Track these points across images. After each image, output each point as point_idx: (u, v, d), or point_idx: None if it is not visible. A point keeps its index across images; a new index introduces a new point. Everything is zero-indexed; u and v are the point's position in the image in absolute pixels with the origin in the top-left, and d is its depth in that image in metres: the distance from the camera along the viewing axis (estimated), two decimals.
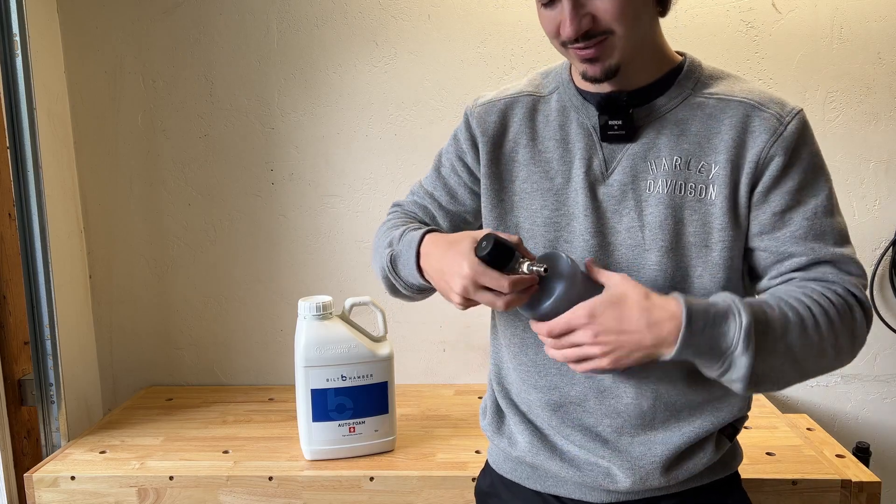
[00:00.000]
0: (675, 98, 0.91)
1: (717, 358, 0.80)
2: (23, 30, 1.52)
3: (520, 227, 0.98)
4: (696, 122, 0.90)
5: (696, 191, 0.89)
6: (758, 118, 0.88)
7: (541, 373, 0.99)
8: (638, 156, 0.91)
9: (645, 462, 0.95)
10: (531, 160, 0.97)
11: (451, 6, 1.72)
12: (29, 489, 1.41)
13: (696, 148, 0.89)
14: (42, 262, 1.58)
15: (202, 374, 1.90)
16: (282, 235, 1.84)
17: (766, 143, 0.87)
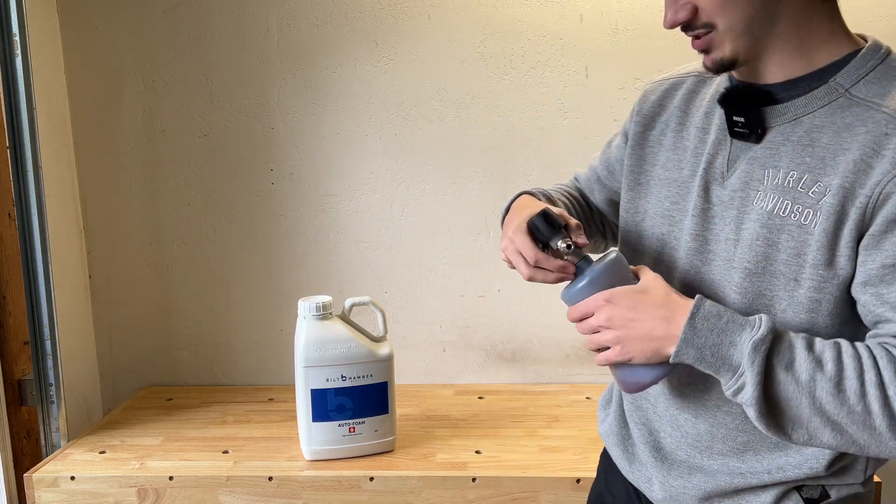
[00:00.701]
0: (820, 99, 0.76)
1: (727, 370, 0.74)
2: (23, 30, 1.52)
3: (646, 215, 0.92)
4: (830, 132, 0.75)
5: (801, 214, 0.75)
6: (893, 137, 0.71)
7: None
8: (757, 161, 0.80)
9: (678, 487, 0.90)
10: (674, 146, 0.90)
11: (451, 6, 1.72)
12: (29, 489, 1.41)
13: (819, 164, 0.75)
14: (42, 262, 1.58)
15: (202, 375, 1.90)
16: (282, 235, 1.84)
17: (887, 173, 0.71)
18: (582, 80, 1.73)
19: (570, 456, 1.43)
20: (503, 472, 1.37)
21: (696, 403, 0.88)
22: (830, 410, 0.72)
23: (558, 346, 1.84)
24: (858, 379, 0.71)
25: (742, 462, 0.85)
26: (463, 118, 1.76)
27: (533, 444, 1.49)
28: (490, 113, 1.76)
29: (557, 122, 1.74)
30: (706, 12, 0.76)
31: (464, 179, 1.79)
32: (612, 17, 1.70)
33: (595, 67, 1.72)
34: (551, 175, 1.76)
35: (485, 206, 1.79)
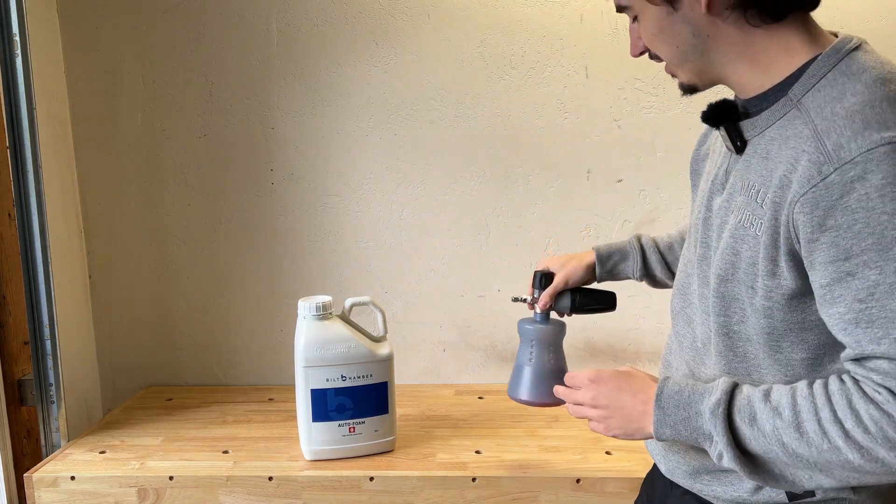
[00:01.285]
0: (779, 111, 0.78)
1: (705, 439, 0.81)
2: (23, 30, 1.52)
3: (691, 220, 0.98)
4: (777, 144, 0.77)
5: (754, 226, 0.78)
6: (806, 154, 0.71)
7: (667, 347, 1.04)
8: (738, 173, 0.83)
9: (674, 462, 0.96)
10: (711, 161, 0.95)
11: (451, 6, 1.72)
12: (29, 489, 1.41)
13: (768, 176, 0.77)
14: (42, 262, 1.57)
15: (202, 375, 1.90)
16: (282, 235, 1.84)
17: (796, 194, 0.72)
18: (582, 80, 1.73)
19: (570, 456, 1.43)
20: (503, 472, 1.37)
21: None
22: (803, 454, 0.74)
23: None
24: (815, 419, 0.73)
25: None
26: (463, 118, 1.76)
27: (533, 444, 1.49)
28: (490, 113, 1.76)
29: (557, 122, 1.74)
30: (649, 47, 0.84)
31: (464, 179, 1.79)
32: (612, 17, 1.70)
33: (595, 67, 1.72)
34: (551, 175, 1.77)
35: (485, 206, 1.79)
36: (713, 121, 0.84)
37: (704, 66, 0.82)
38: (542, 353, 1.29)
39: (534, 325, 1.30)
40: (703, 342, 0.89)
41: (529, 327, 1.30)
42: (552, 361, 1.30)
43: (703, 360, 0.89)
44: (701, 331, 0.89)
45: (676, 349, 0.97)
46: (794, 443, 0.74)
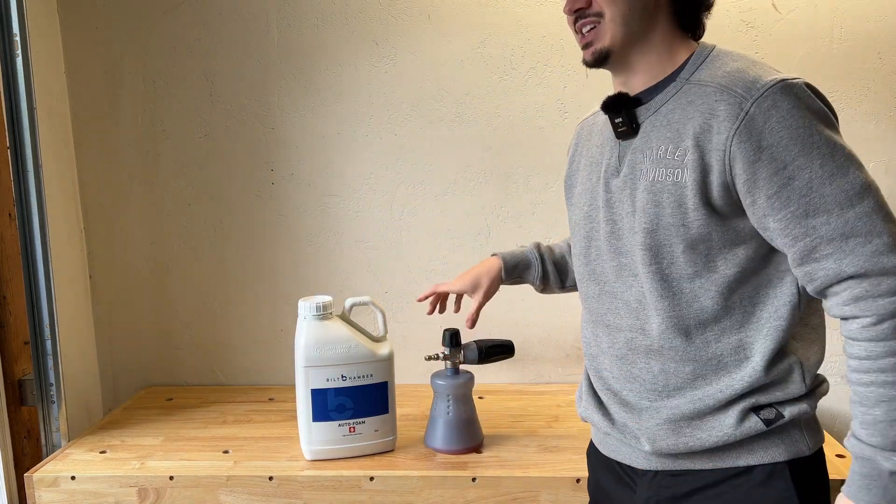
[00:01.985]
0: (671, 91, 0.96)
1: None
2: (23, 30, 1.52)
3: (573, 222, 1.12)
4: (679, 110, 0.94)
5: (672, 175, 0.93)
6: (723, 102, 0.89)
7: (587, 342, 1.12)
8: (637, 149, 0.99)
9: (652, 424, 1.00)
10: (584, 167, 1.11)
11: (451, 6, 1.72)
12: (29, 489, 1.41)
13: (676, 135, 0.94)
14: (42, 262, 1.58)
15: (202, 374, 1.91)
16: (282, 235, 1.84)
17: (729, 129, 0.88)
18: (582, 80, 1.74)
19: (570, 456, 1.43)
20: (503, 472, 1.37)
21: (644, 350, 1.00)
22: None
23: (558, 346, 1.84)
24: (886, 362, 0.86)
25: (696, 389, 0.97)
26: (463, 118, 1.76)
27: (533, 444, 1.49)
28: (490, 113, 1.76)
29: (557, 122, 1.74)
30: (598, 1, 0.95)
31: (464, 179, 1.79)
32: None
33: None
34: (551, 175, 1.77)
35: (485, 206, 1.79)
36: (614, 109, 0.99)
37: (634, 37, 0.96)
38: (457, 405, 1.46)
39: (447, 380, 1.47)
40: (638, 302, 1.00)
41: (444, 383, 1.46)
42: (466, 413, 1.47)
43: (646, 317, 0.99)
44: (633, 294, 1.00)
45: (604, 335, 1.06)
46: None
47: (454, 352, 1.49)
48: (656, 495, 1.02)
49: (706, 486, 0.99)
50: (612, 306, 1.04)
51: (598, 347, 1.08)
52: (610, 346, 1.05)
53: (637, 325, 1.00)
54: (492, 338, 1.59)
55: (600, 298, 1.06)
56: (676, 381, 0.99)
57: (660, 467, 1.02)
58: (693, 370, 0.97)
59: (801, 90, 0.87)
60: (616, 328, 1.04)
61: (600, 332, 1.07)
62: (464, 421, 1.46)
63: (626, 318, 1.02)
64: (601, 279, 1.06)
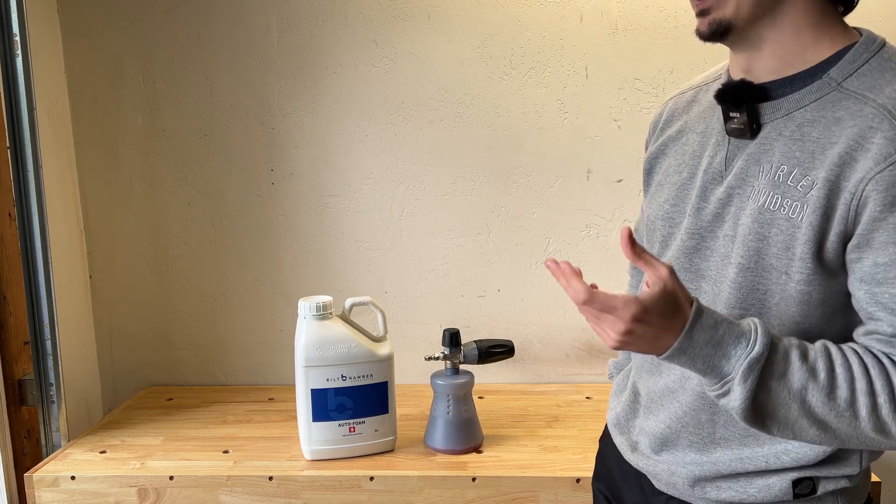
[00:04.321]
0: (814, 93, 0.77)
1: (714, 376, 0.74)
2: (23, 30, 1.52)
3: (649, 218, 0.96)
4: (821, 126, 0.75)
5: (789, 208, 0.76)
6: (880, 132, 0.70)
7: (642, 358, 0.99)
8: (752, 157, 0.81)
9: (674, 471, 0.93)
10: (675, 152, 0.93)
11: (451, 6, 1.72)
12: (29, 489, 1.41)
13: (808, 158, 0.75)
14: (42, 262, 1.58)
15: (202, 374, 1.90)
16: (282, 235, 1.84)
17: (870, 171, 0.70)
18: (582, 80, 1.73)
19: (570, 456, 1.43)
20: (503, 472, 1.37)
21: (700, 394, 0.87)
22: (819, 413, 0.73)
23: (558, 346, 1.84)
24: (849, 388, 0.73)
25: (744, 447, 0.86)
26: (463, 118, 1.76)
27: (533, 444, 1.49)
28: (490, 113, 1.76)
29: (557, 122, 1.74)
30: None
31: (464, 179, 1.79)
32: (612, 17, 1.70)
33: (595, 67, 1.72)
34: (551, 175, 1.77)
35: (485, 206, 1.79)
36: (734, 101, 0.81)
37: (763, 9, 0.77)
38: (457, 405, 1.46)
39: (447, 380, 1.47)
40: None
41: (444, 383, 1.46)
42: (466, 413, 1.47)
43: None
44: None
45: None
46: (818, 404, 0.73)
47: (454, 352, 1.49)
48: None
49: None
50: None
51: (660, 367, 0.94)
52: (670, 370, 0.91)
53: None
54: (492, 338, 1.59)
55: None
56: (725, 432, 0.87)
57: (675, 495, 0.94)
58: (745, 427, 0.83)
59: None
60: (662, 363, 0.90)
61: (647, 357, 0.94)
62: (464, 421, 1.46)
63: None
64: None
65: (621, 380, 1.11)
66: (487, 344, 1.55)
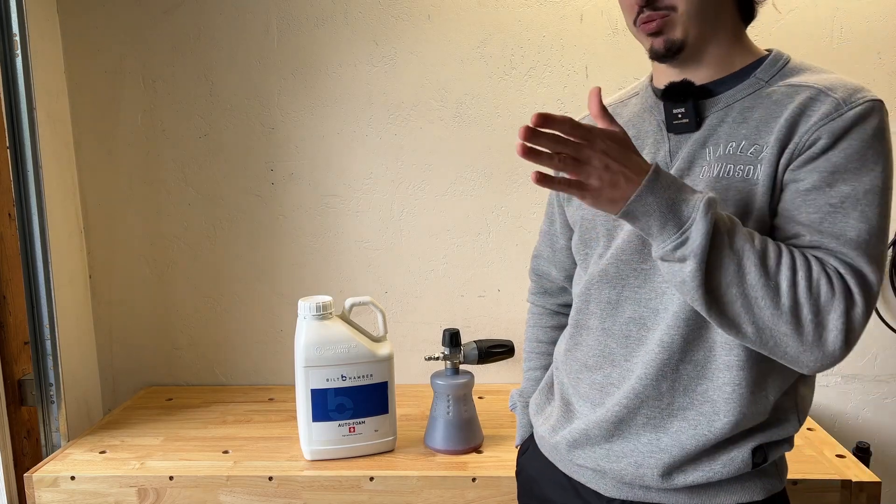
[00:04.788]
0: (746, 89, 0.91)
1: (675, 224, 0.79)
2: (23, 30, 1.52)
3: (584, 218, 1.02)
4: (761, 109, 0.89)
5: (743, 171, 0.87)
6: (819, 102, 0.85)
7: (590, 350, 1.03)
8: (698, 143, 0.92)
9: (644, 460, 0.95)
10: None
11: (451, 6, 1.72)
12: (29, 489, 1.41)
13: (754, 132, 0.88)
14: (42, 262, 1.58)
15: (202, 374, 1.91)
16: (282, 235, 1.84)
17: (814, 124, 0.84)
18: (582, 80, 1.73)
19: None
20: (503, 472, 1.37)
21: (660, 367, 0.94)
22: (750, 280, 0.80)
23: None
24: (777, 259, 0.81)
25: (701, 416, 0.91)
26: (463, 118, 1.76)
27: None
28: (490, 113, 1.76)
29: None
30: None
31: (464, 179, 1.79)
32: (612, 17, 1.70)
33: (595, 67, 1.72)
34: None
35: (485, 206, 1.79)
36: (680, 98, 0.93)
37: (707, 28, 0.91)
38: (457, 405, 1.46)
39: (447, 380, 1.47)
40: (669, 314, 0.91)
41: (444, 383, 1.47)
42: (466, 413, 1.47)
43: (677, 332, 0.91)
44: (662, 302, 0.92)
45: (616, 344, 0.97)
46: (751, 267, 0.80)
47: (454, 352, 1.49)
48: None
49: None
50: (635, 314, 0.95)
51: (609, 358, 0.98)
52: (626, 360, 0.96)
53: (667, 340, 0.91)
54: (492, 338, 1.59)
55: (618, 305, 0.96)
56: (683, 400, 0.93)
57: (631, 497, 0.96)
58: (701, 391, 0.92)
59: (888, 117, 0.86)
60: (638, 340, 0.95)
61: (612, 343, 0.97)
62: (464, 421, 1.46)
63: (653, 329, 0.93)
64: (620, 282, 0.96)
65: (539, 398, 1.14)
66: (487, 344, 1.55)
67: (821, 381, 1.79)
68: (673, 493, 0.94)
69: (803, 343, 0.80)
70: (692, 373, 0.91)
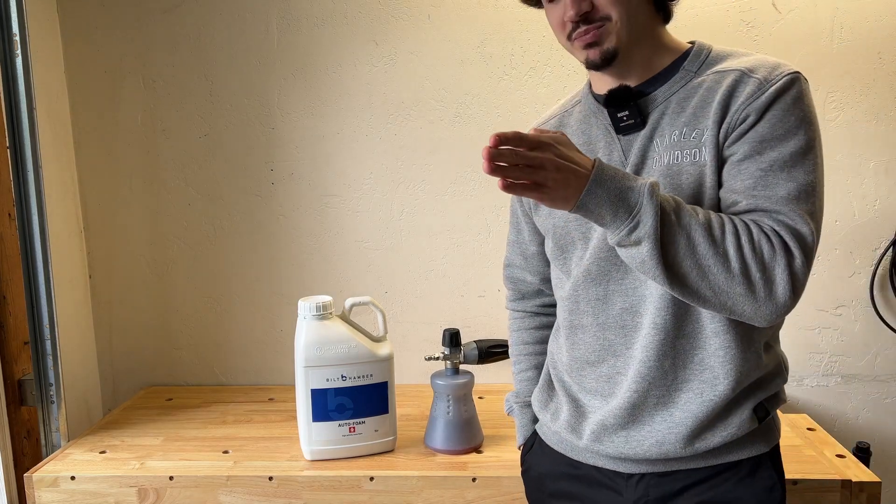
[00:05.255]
0: (679, 82, 0.99)
1: (625, 210, 0.86)
2: (23, 30, 1.52)
3: (556, 226, 1.07)
4: (696, 97, 0.97)
5: (690, 155, 0.95)
6: (744, 82, 0.94)
7: (588, 346, 1.07)
8: (646, 139, 0.99)
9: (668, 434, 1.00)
10: None
11: (451, 6, 1.72)
12: (29, 489, 1.41)
13: (692, 118, 0.96)
14: (42, 262, 1.58)
15: (202, 374, 1.90)
16: (282, 235, 1.84)
17: (743, 102, 0.93)
18: (582, 79, 1.73)
19: None
20: (503, 472, 1.37)
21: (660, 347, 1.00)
22: (700, 252, 0.87)
23: None
24: (720, 228, 0.88)
25: (703, 384, 0.98)
26: (463, 118, 1.76)
27: None
28: (490, 113, 1.76)
29: None
30: (602, 6, 0.96)
31: (464, 179, 1.79)
32: None
33: None
34: None
35: (485, 206, 1.79)
36: (620, 103, 1.00)
37: (633, 35, 0.98)
38: (457, 405, 1.46)
39: (447, 380, 1.47)
40: (656, 297, 0.97)
41: (444, 383, 1.47)
42: (466, 413, 1.47)
43: (667, 310, 0.97)
44: (647, 289, 0.99)
45: (616, 337, 1.02)
46: (700, 238, 0.87)
47: (454, 352, 1.49)
48: (646, 496, 1.02)
49: (697, 482, 1.01)
50: (625, 304, 1.01)
51: (611, 350, 1.03)
52: (627, 347, 1.01)
53: (659, 322, 0.98)
54: (492, 338, 1.59)
55: (607, 299, 1.02)
56: (684, 373, 1.00)
57: (653, 470, 1.02)
58: (698, 360, 1.00)
59: (808, 86, 0.96)
60: (633, 327, 1.00)
61: (609, 335, 1.03)
62: (464, 421, 1.46)
63: (645, 314, 0.99)
64: (605, 279, 1.02)
65: (541, 395, 1.17)
66: (487, 344, 1.55)
67: (821, 381, 1.79)
68: (694, 459, 1.00)
69: (757, 299, 0.88)
70: (687, 346, 0.98)
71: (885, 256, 1.73)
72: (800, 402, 1.81)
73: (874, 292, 1.74)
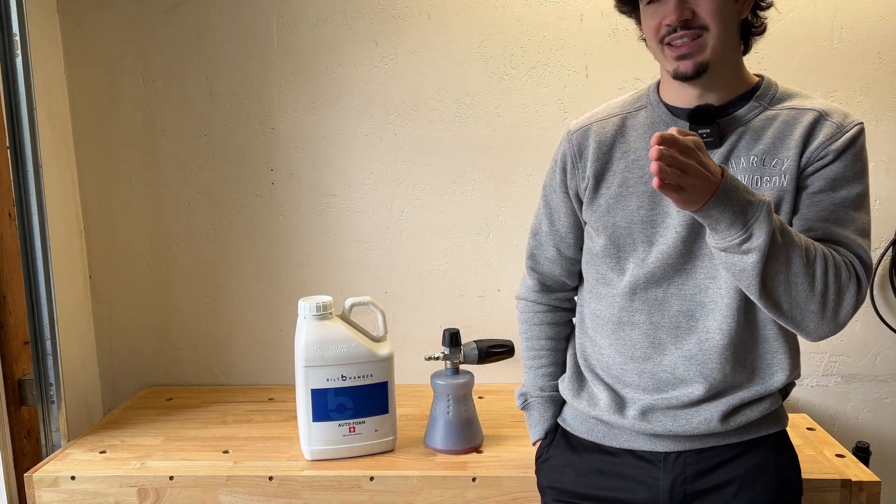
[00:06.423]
0: (754, 110, 1.07)
1: (741, 222, 0.93)
2: (23, 30, 1.52)
3: (616, 226, 1.12)
4: (772, 129, 1.06)
5: (771, 182, 1.04)
6: (823, 124, 1.04)
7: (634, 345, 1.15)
8: (721, 157, 1.06)
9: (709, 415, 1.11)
10: (622, 170, 1.12)
11: (451, 6, 1.72)
12: (29, 489, 1.41)
13: (772, 147, 1.05)
14: (42, 262, 1.58)
15: (202, 374, 1.91)
16: (282, 235, 1.84)
17: (822, 143, 1.03)
18: (582, 80, 1.74)
19: None
20: (503, 472, 1.37)
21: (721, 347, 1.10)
22: (794, 269, 0.96)
23: None
24: (813, 251, 0.98)
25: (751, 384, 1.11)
26: (463, 118, 1.76)
27: None
28: (490, 113, 1.76)
29: (557, 122, 1.74)
30: (703, 16, 1.01)
31: (464, 179, 1.79)
32: (612, 17, 1.70)
33: (595, 67, 1.72)
34: None
35: (485, 206, 1.79)
36: (704, 119, 1.06)
37: (724, 52, 1.04)
38: (457, 405, 1.46)
39: (447, 380, 1.47)
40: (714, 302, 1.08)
41: (444, 383, 1.47)
42: (466, 412, 1.47)
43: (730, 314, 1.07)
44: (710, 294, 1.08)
45: (668, 337, 1.11)
46: (795, 258, 0.96)
47: (454, 352, 1.49)
48: (683, 473, 1.11)
49: (731, 458, 1.10)
50: (682, 308, 1.09)
51: (660, 348, 1.12)
52: (677, 348, 1.10)
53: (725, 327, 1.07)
54: (492, 338, 1.59)
55: (665, 301, 1.10)
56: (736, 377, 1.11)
57: (689, 448, 1.11)
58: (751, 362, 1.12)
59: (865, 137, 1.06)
60: (688, 329, 1.09)
61: (661, 335, 1.11)
62: (464, 421, 1.46)
63: (701, 319, 1.09)
64: (666, 282, 1.10)
65: (571, 384, 1.22)
66: (487, 344, 1.55)
67: (821, 381, 1.79)
68: (728, 435, 1.11)
69: (823, 318, 0.99)
70: (744, 351, 1.09)
71: (885, 256, 1.73)
72: (800, 402, 1.81)
73: (874, 292, 1.74)
